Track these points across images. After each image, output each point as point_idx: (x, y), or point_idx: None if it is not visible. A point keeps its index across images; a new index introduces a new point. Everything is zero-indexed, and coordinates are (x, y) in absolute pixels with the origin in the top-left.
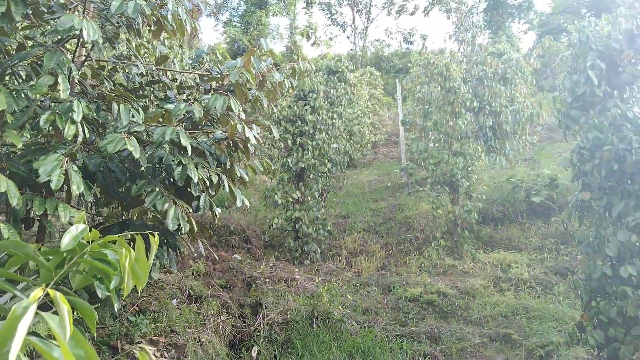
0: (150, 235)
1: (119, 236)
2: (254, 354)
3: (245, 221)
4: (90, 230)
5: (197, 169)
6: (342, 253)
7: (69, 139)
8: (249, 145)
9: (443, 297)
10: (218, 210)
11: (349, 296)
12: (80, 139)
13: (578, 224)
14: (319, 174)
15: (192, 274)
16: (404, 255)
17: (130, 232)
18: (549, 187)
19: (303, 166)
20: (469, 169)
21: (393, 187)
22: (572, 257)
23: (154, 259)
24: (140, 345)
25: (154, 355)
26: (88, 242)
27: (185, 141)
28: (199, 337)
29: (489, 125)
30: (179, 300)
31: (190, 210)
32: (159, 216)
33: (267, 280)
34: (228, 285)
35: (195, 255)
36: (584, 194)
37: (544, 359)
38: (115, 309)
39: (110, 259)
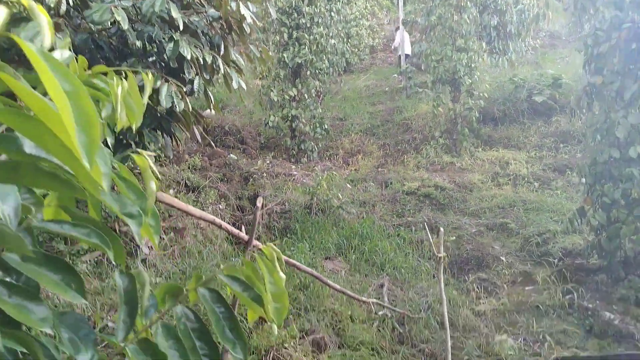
0: (143, 74)
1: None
2: (258, 204)
3: (240, 122)
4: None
5: (189, 46)
6: (339, 153)
7: (52, 5)
8: (244, 25)
9: (440, 190)
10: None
11: (348, 185)
12: (63, 7)
13: (585, 111)
14: (317, 71)
15: (188, 167)
16: (402, 155)
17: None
18: (552, 87)
19: (300, 62)
20: (472, 65)
21: (391, 92)
22: (571, 155)
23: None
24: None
25: None
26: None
27: (176, 14)
28: (197, 222)
29: (493, 25)
30: (175, 190)
31: (184, 89)
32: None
33: (265, 175)
34: (225, 179)
35: (190, 153)
36: (597, 79)
37: (540, 245)
38: (110, 145)
39: (100, 86)
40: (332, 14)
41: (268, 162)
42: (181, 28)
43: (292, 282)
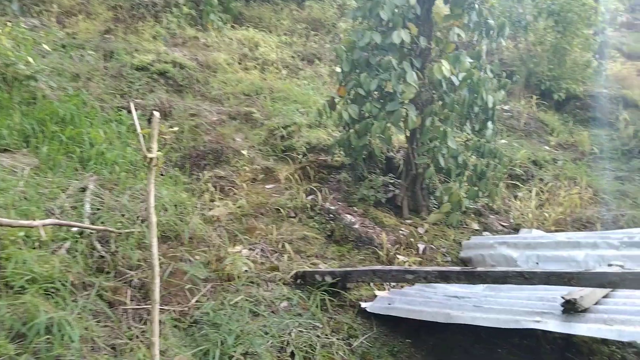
0: None
1: None
2: None
3: None
4: None
5: None
6: (52, 9)
7: None
8: None
9: (179, 68)
10: None
11: (45, 46)
12: None
13: None
14: None
15: None
16: (137, 21)
17: None
18: None
19: None
20: None
21: None
22: (321, 45)
23: None
24: None
25: None
26: None
27: None
28: None
29: None
30: None
31: None
32: None
33: None
34: None
35: None
36: None
37: (285, 139)
38: None
39: None
40: None
41: None
42: None
43: None
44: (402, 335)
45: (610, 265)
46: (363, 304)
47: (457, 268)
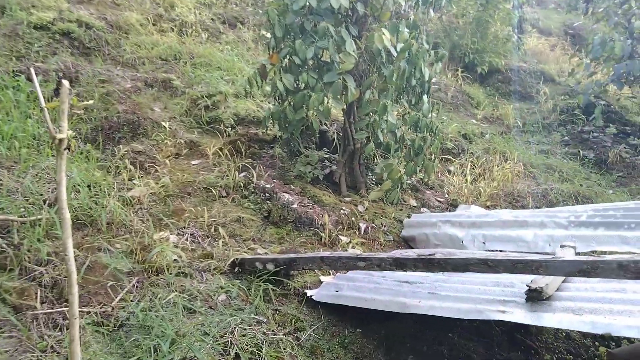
0: None
1: None
2: None
3: None
4: None
5: None
6: None
7: None
8: None
9: (86, 28)
10: None
11: None
12: None
13: None
14: None
15: None
16: None
17: None
18: None
19: None
20: None
21: None
22: (242, 8)
23: None
24: None
25: None
26: None
27: None
28: None
29: None
30: None
31: None
32: None
33: None
34: None
35: None
36: None
37: (210, 110)
38: None
39: None
40: None
41: None
42: None
43: None
44: (352, 325)
45: (562, 246)
46: (309, 292)
47: (414, 255)
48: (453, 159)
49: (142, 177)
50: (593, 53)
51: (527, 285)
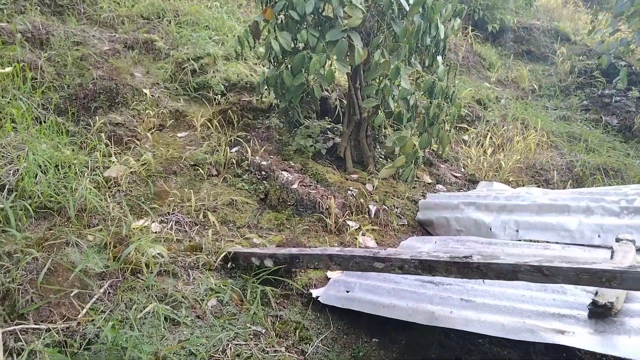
0: None
1: None
2: None
3: None
4: None
5: None
6: None
7: None
8: None
9: None
10: None
11: None
12: None
13: None
14: None
15: None
16: None
17: None
18: None
19: None
20: None
21: None
22: None
23: None
24: None
25: None
26: None
27: None
28: None
29: None
30: None
31: None
32: None
33: None
34: None
35: None
36: None
37: (197, 74)
38: None
39: None
40: None
41: None
42: None
43: None
44: (367, 333)
45: (618, 240)
46: (314, 292)
47: (445, 257)
48: (468, 127)
49: (120, 153)
50: (617, 8)
51: (593, 300)
